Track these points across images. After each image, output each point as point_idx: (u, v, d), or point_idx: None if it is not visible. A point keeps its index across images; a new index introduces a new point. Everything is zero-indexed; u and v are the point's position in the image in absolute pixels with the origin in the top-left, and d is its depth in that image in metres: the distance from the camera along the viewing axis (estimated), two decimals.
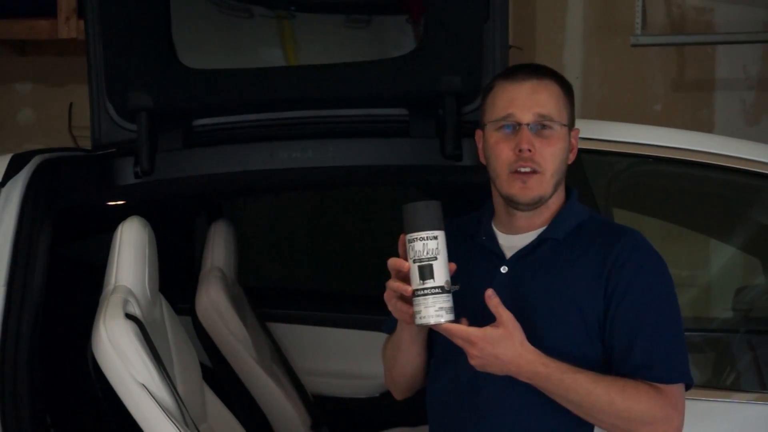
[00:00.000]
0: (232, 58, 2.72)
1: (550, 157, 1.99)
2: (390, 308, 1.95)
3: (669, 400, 1.93)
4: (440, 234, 1.87)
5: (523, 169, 1.98)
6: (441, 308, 1.85)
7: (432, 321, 1.85)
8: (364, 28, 2.78)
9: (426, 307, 1.85)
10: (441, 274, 1.85)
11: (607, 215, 2.51)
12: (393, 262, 1.91)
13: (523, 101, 2.00)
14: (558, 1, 4.61)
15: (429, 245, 1.85)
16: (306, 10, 2.76)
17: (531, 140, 1.98)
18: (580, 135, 2.11)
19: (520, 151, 1.97)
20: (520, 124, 1.99)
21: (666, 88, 4.59)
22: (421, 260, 1.85)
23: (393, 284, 1.91)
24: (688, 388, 1.99)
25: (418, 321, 1.87)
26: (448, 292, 1.86)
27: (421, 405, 2.18)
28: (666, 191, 2.95)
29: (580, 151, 2.13)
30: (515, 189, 2.00)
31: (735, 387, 2.66)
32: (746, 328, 3.03)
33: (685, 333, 2.01)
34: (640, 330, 1.94)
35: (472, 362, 1.89)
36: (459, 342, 1.88)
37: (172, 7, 2.61)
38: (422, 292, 1.85)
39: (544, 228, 2.05)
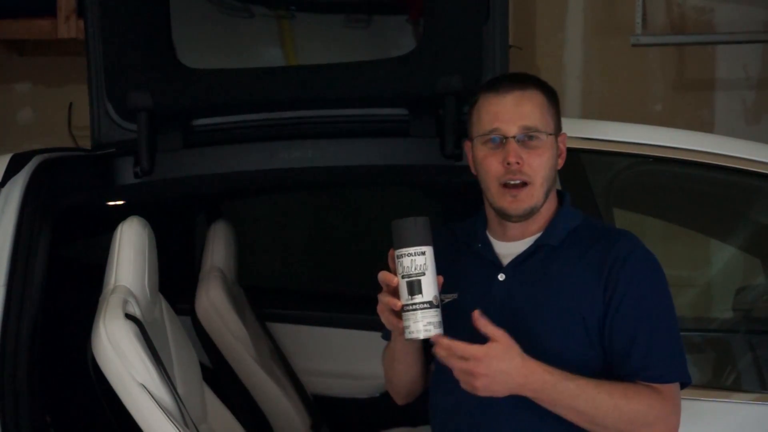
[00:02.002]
0: (232, 58, 2.72)
1: (539, 168, 1.99)
2: (383, 321, 1.95)
3: (667, 399, 1.94)
4: (428, 249, 1.87)
5: (512, 182, 1.99)
6: (429, 323, 1.86)
7: (421, 336, 1.86)
8: (364, 28, 2.78)
9: (415, 322, 1.86)
10: (429, 289, 1.86)
11: (607, 215, 2.51)
12: (382, 277, 1.92)
13: (508, 114, 2.00)
14: (558, 1, 4.61)
15: (417, 261, 1.86)
16: (306, 10, 2.76)
17: (518, 152, 1.98)
18: (581, 135, 2.11)
19: (508, 164, 1.98)
20: (506, 138, 1.99)
21: (666, 88, 4.59)
22: (409, 276, 1.86)
23: (383, 298, 1.92)
24: (685, 386, 2.00)
25: (407, 336, 1.88)
26: (436, 306, 1.87)
27: (422, 405, 2.18)
28: (666, 191, 2.95)
29: (580, 151, 2.13)
30: (506, 203, 2.00)
31: (735, 387, 2.66)
32: (746, 328, 3.03)
33: (685, 333, 2.02)
34: (639, 332, 1.94)
35: (478, 383, 1.85)
36: (458, 364, 1.85)
37: (172, 7, 2.61)
38: (411, 308, 1.86)
39: (540, 234, 2.05)
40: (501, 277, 2.04)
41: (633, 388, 1.93)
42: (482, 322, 1.88)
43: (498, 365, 1.85)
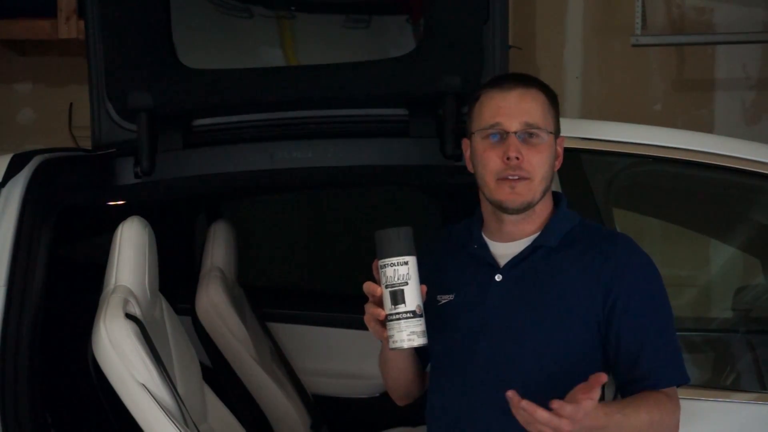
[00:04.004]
0: (232, 58, 2.72)
1: (538, 165, 2.00)
2: (371, 330, 1.96)
3: (672, 399, 1.97)
4: (411, 259, 1.88)
5: (511, 177, 1.99)
6: (413, 332, 1.87)
7: (405, 345, 1.87)
8: (364, 28, 2.78)
9: (399, 332, 1.87)
10: (412, 298, 1.87)
11: (607, 215, 2.51)
12: (367, 287, 1.93)
13: (510, 110, 2.01)
14: (558, 1, 4.61)
15: (400, 271, 1.87)
16: (306, 10, 2.76)
17: (519, 148, 1.98)
18: (581, 135, 2.11)
19: (508, 159, 1.98)
20: (507, 133, 2.00)
21: (666, 88, 4.59)
22: (392, 285, 1.88)
23: (369, 308, 1.93)
24: (681, 384, 2.02)
25: (392, 345, 1.89)
26: (420, 316, 1.88)
27: (422, 405, 2.18)
28: (666, 191, 2.95)
29: (580, 151, 2.13)
30: (503, 195, 2.00)
31: (735, 387, 2.66)
32: (746, 328, 3.03)
33: (686, 333, 2.03)
34: (646, 338, 1.96)
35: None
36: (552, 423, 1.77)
37: (172, 7, 2.61)
38: (395, 317, 1.87)
39: (537, 235, 2.06)
40: (498, 277, 2.04)
41: (654, 397, 1.94)
42: (532, 408, 1.76)
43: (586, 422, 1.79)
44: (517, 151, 1.98)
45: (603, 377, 1.77)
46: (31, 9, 4.36)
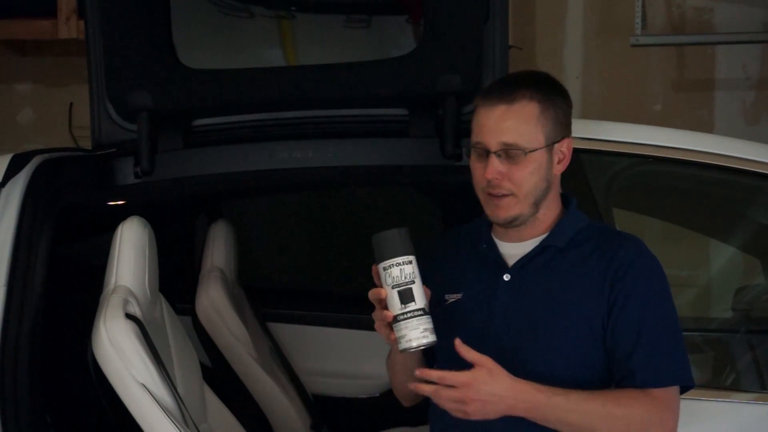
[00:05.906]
0: (232, 58, 2.72)
1: (521, 181, 1.98)
2: (383, 337, 1.95)
3: (663, 403, 1.94)
4: (414, 258, 1.89)
5: (494, 194, 1.99)
6: (425, 329, 1.87)
7: (419, 343, 1.87)
8: (364, 28, 2.78)
9: (411, 330, 1.87)
10: (420, 296, 1.88)
11: (607, 215, 2.51)
12: (372, 294, 1.93)
13: (491, 129, 1.99)
14: (558, 1, 4.61)
15: (406, 270, 1.88)
16: (306, 10, 2.76)
17: (498, 168, 1.97)
18: (581, 135, 2.10)
19: (488, 179, 1.98)
20: (488, 152, 1.99)
21: (666, 88, 4.59)
22: (399, 285, 1.88)
23: (378, 314, 1.93)
24: (687, 389, 2.00)
25: (404, 345, 1.88)
26: (428, 314, 1.88)
27: (422, 405, 2.18)
28: (666, 191, 2.95)
29: (580, 151, 2.12)
30: (490, 210, 2.02)
31: (735, 387, 2.66)
32: (746, 328, 3.03)
33: (685, 333, 2.02)
34: (641, 335, 1.95)
35: (470, 409, 1.86)
36: (447, 394, 1.86)
37: (172, 7, 2.61)
38: (405, 316, 1.87)
39: (545, 236, 2.05)
40: (506, 277, 2.04)
41: (626, 394, 1.93)
42: (464, 349, 1.88)
43: (487, 389, 1.86)
44: (495, 173, 1.97)
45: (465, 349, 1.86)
46: (31, 9, 4.36)
